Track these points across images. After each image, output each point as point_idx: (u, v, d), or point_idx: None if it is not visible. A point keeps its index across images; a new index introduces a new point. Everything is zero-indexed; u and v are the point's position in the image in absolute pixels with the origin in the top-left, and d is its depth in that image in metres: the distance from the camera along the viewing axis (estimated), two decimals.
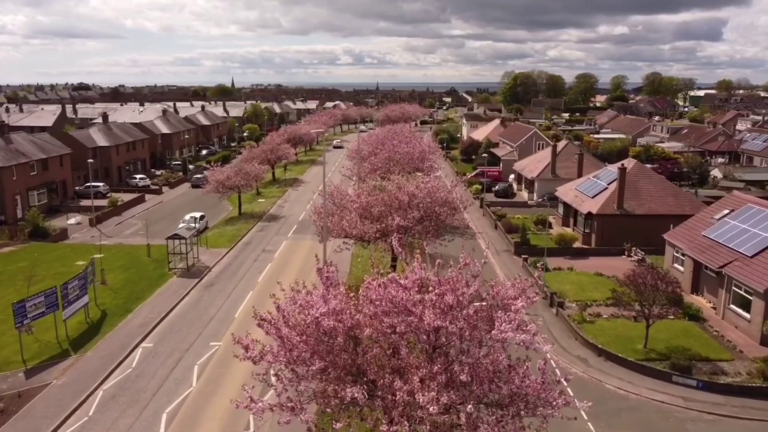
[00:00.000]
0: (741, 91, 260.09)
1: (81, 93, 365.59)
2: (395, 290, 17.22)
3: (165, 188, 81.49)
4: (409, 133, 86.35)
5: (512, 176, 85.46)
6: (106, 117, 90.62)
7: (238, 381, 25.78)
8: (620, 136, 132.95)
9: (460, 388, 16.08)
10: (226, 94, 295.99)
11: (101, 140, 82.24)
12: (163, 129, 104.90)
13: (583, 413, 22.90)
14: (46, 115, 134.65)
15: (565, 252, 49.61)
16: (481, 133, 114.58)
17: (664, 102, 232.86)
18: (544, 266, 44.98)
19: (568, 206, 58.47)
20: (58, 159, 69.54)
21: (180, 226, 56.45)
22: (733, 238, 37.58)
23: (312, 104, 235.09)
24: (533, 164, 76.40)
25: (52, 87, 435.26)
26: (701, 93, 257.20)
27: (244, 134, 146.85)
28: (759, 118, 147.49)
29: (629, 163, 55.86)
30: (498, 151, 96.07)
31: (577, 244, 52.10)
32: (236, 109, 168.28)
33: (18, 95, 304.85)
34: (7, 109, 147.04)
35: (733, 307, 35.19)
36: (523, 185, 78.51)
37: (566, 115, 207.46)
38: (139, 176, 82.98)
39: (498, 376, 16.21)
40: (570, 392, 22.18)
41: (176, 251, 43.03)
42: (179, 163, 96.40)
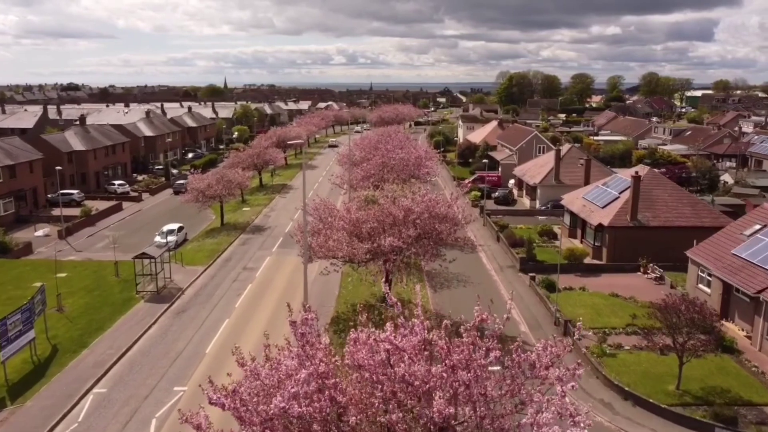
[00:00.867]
0: (738, 92, 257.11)
1: (69, 93, 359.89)
2: (392, 353, 13.20)
3: (145, 195, 76.88)
4: (404, 136, 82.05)
5: (512, 181, 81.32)
6: (83, 119, 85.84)
7: None
8: (621, 138, 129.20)
9: None
10: (217, 94, 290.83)
11: (77, 144, 77.53)
12: (146, 131, 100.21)
13: None
14: (28, 116, 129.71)
15: (575, 268, 45.39)
16: (478, 136, 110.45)
17: (662, 102, 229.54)
18: (543, 284, 40.82)
19: (575, 216, 54.31)
20: (27, 165, 64.84)
21: (156, 240, 52.04)
22: None
23: (305, 105, 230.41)
24: (535, 169, 72.25)
25: (41, 87, 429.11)
26: (698, 93, 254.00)
27: (233, 136, 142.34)
28: (761, 119, 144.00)
29: (642, 169, 51.73)
30: (496, 155, 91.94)
31: (588, 259, 47.88)
32: (226, 110, 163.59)
33: (5, 95, 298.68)
34: None
35: None
36: (524, 191, 74.35)
37: (563, 116, 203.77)
38: (117, 182, 78.30)
39: None
40: None
41: (145, 272, 38.55)
42: (162, 167, 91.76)
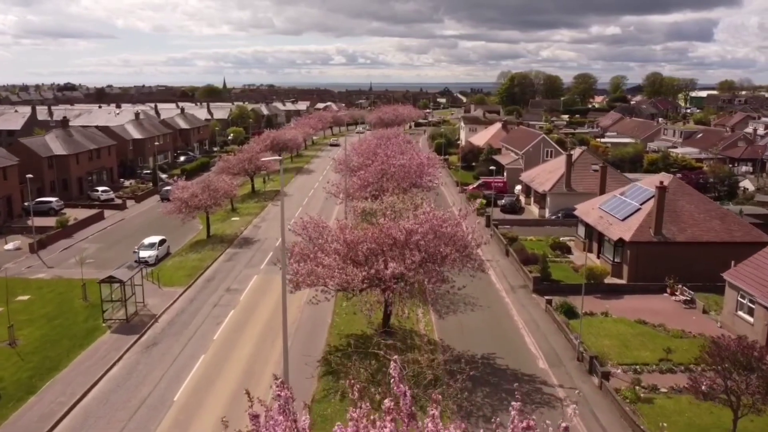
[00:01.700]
0: (744, 92, 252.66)
1: (65, 94, 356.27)
2: None
3: (131, 202, 72.50)
4: (404, 139, 77.68)
5: (518, 187, 76.96)
6: (66, 122, 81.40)
7: None
8: (628, 140, 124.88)
9: None
10: (214, 94, 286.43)
11: (58, 148, 73.13)
12: (135, 134, 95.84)
13: None
14: (16, 117, 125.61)
15: (595, 289, 40.97)
16: (481, 138, 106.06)
17: (667, 103, 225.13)
18: (562, 309, 36.53)
19: (590, 228, 49.98)
20: (0, 171, 60.48)
21: (137, 254, 47.70)
22: None
23: (303, 105, 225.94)
24: (544, 175, 67.90)
25: (38, 87, 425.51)
26: (703, 94, 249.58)
27: (229, 138, 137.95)
28: None
29: (665, 178, 47.35)
30: (501, 159, 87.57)
31: (607, 278, 43.48)
32: (221, 111, 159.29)
33: (0, 96, 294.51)
34: None
35: None
36: (533, 198, 70.00)
37: (566, 117, 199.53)
38: (101, 189, 73.90)
39: None
40: None
41: (114, 297, 34.17)
42: (150, 172, 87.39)
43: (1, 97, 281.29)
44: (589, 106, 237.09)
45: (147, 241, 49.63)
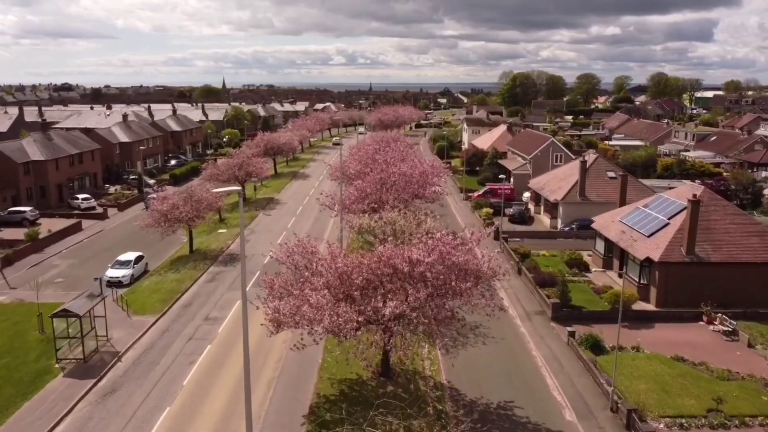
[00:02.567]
0: (750, 92, 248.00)
1: (61, 94, 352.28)
2: None
3: (113, 211, 67.82)
4: (406, 144, 72.97)
5: (526, 194, 72.31)
6: (46, 125, 76.66)
7: None
8: (638, 143, 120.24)
9: None
10: (212, 95, 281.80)
11: (36, 153, 68.44)
12: (122, 137, 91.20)
13: None
14: (3, 119, 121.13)
15: (622, 316, 36.26)
16: (485, 141, 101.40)
17: (672, 104, 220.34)
18: (587, 343, 31.93)
19: (610, 243, 45.36)
20: None
21: (106, 274, 43.05)
22: None
23: (301, 106, 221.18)
24: (555, 182, 63.24)
25: (34, 87, 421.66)
26: (709, 94, 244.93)
27: (223, 140, 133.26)
28: None
29: (696, 189, 42.66)
30: (507, 164, 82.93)
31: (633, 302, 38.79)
32: (217, 112, 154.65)
33: None
34: None
35: None
36: (543, 207, 65.35)
37: (569, 118, 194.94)
38: (82, 196, 69.16)
39: None
40: None
41: (70, 333, 29.45)
42: (136, 177, 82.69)
43: None
44: (593, 107, 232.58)
45: (122, 258, 44.98)
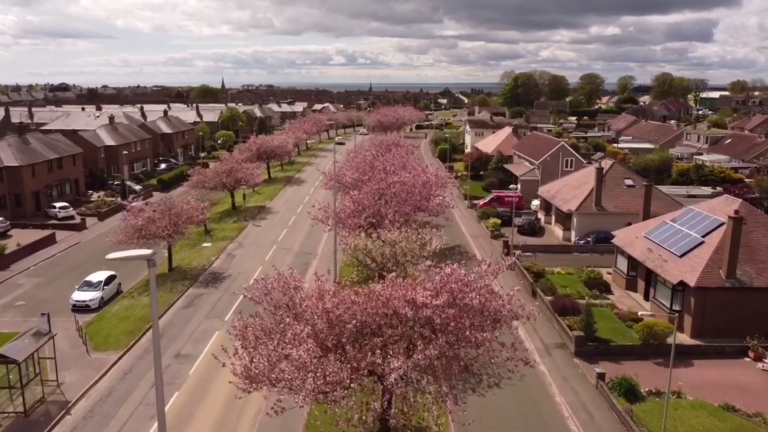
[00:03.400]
0: (757, 93, 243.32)
1: (57, 94, 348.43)
2: None
3: (92, 220, 63.18)
4: (406, 150, 68.37)
5: (535, 202, 67.75)
6: (23, 128, 71.96)
7: None
8: (647, 145, 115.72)
9: None
10: (210, 95, 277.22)
11: (10, 158, 63.78)
12: (107, 140, 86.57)
13: None
14: None
15: (656, 351, 31.79)
16: (489, 144, 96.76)
17: (678, 104, 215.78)
18: (619, 389, 27.38)
19: (634, 261, 40.82)
20: None
21: (73, 297, 38.48)
22: None
23: (300, 107, 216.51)
24: (568, 191, 58.67)
25: (31, 87, 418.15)
26: (715, 94, 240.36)
27: (218, 142, 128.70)
28: None
29: (732, 203, 38.06)
30: (514, 169, 78.37)
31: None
32: (212, 113, 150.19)
33: None
34: None
35: None
36: (554, 217, 60.79)
37: (573, 119, 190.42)
38: (59, 205, 64.58)
39: None
40: None
41: (10, 381, 24.82)
42: (120, 183, 78.04)
43: None
44: (596, 108, 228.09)
45: (91, 279, 40.39)
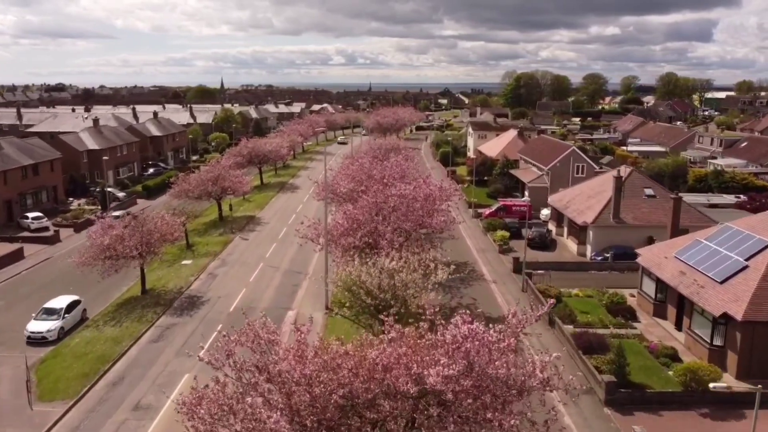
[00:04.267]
0: (763, 93, 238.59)
1: (52, 95, 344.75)
2: None
3: (67, 232, 58.52)
4: (406, 156, 63.67)
5: (545, 212, 63.14)
6: None
7: None
8: (657, 148, 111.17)
9: None
10: (207, 95, 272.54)
11: None
12: (90, 144, 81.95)
13: None
14: None
15: (699, 399, 27.15)
16: (493, 147, 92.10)
17: (684, 105, 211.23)
18: None
19: (663, 284, 36.23)
20: None
21: (28, 329, 33.88)
22: None
23: (297, 107, 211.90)
24: (582, 201, 54.06)
25: (27, 87, 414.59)
26: (721, 95, 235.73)
27: (211, 145, 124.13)
28: None
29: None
30: (521, 175, 73.79)
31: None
32: (205, 114, 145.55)
33: None
34: None
35: None
36: (566, 229, 56.17)
37: (577, 120, 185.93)
38: (32, 215, 59.94)
39: None
40: None
41: None
42: (107, 190, 73.35)
43: None
44: (601, 108, 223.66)
45: (51, 305, 35.73)
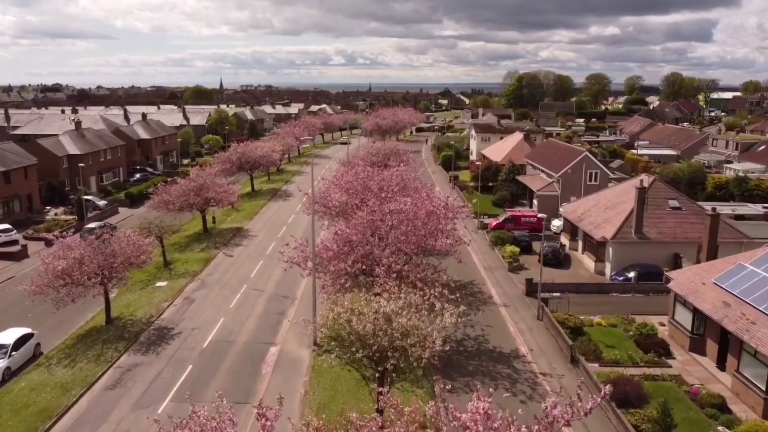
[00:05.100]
0: None
1: (48, 95, 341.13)
2: None
3: (38, 245, 53.67)
4: (404, 161, 58.87)
5: (557, 222, 58.34)
6: None
7: None
8: (668, 151, 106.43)
9: None
10: (204, 95, 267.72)
11: None
12: (71, 148, 77.16)
13: None
14: None
15: None
16: (498, 151, 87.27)
17: (690, 106, 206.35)
18: None
19: (701, 315, 31.50)
20: None
21: None
22: None
23: (295, 108, 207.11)
24: (598, 212, 49.27)
25: (23, 88, 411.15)
26: (728, 95, 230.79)
27: (203, 148, 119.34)
28: None
29: None
30: (529, 182, 68.91)
31: None
32: (199, 116, 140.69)
33: None
34: None
35: None
36: (581, 242, 51.37)
37: (581, 121, 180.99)
38: (0, 227, 55.15)
39: None
40: None
41: None
42: (87, 198, 68.52)
43: None
44: (605, 109, 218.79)
45: (0, 340, 30.97)
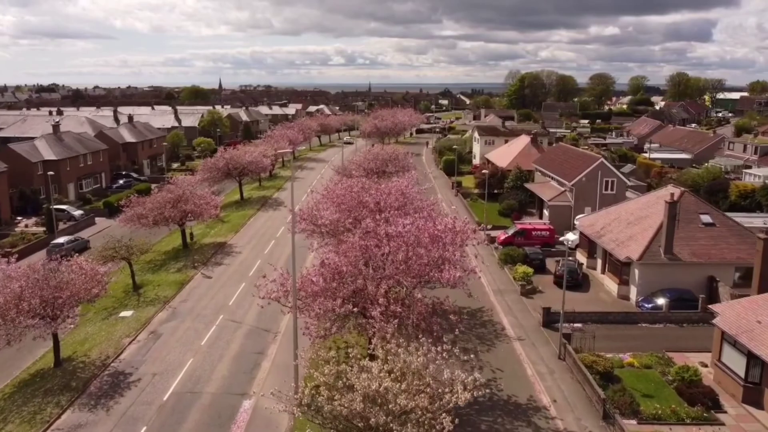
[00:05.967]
0: None
1: (42, 95, 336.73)
2: None
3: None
4: (403, 166, 53.65)
5: (571, 236, 52.95)
6: None
7: None
8: (682, 155, 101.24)
9: None
10: (201, 96, 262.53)
11: None
12: (47, 153, 71.95)
13: None
14: None
15: None
16: (503, 156, 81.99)
17: (698, 106, 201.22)
18: None
19: (759, 360, 26.37)
20: None
21: None
22: None
23: (293, 109, 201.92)
24: (620, 228, 44.11)
25: (18, 88, 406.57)
26: (735, 95, 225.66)
27: (195, 151, 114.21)
28: None
29: None
30: (539, 190, 63.61)
31: None
32: (191, 118, 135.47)
33: None
34: None
35: None
36: (601, 260, 46.16)
37: (585, 122, 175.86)
38: None
39: None
40: None
41: None
42: (60, 207, 63.42)
43: None
44: (610, 110, 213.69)
45: None
